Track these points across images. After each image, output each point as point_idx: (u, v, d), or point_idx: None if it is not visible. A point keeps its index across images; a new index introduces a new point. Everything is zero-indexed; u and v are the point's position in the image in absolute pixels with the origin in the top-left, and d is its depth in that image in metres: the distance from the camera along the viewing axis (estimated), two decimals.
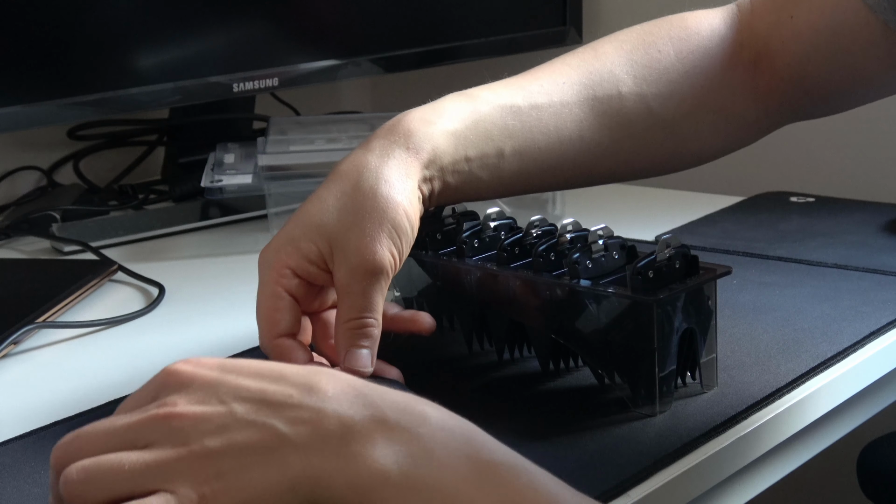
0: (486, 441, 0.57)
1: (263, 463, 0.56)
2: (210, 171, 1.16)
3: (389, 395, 0.58)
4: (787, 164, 1.48)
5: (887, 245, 1.06)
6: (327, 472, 0.55)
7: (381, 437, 0.56)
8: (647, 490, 0.67)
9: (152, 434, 0.57)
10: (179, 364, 0.60)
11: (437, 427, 0.57)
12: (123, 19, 1.18)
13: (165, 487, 0.56)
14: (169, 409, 0.57)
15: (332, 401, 0.57)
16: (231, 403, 0.58)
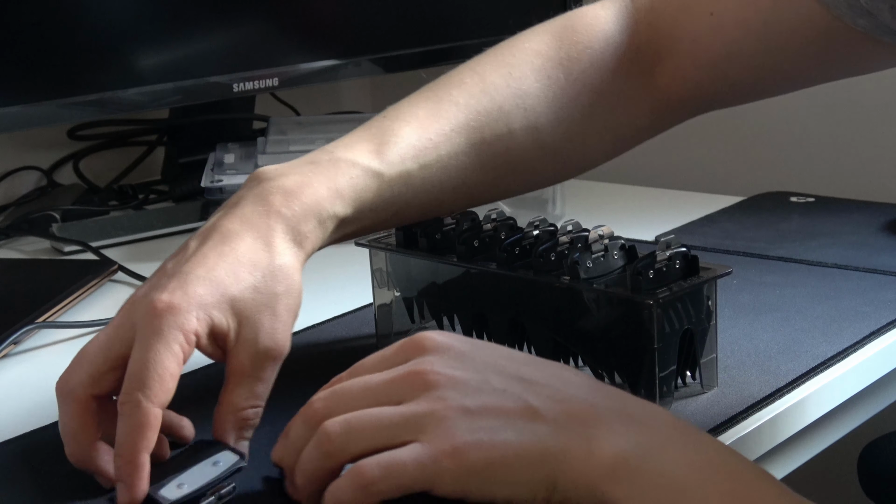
0: (714, 440, 0.60)
1: (517, 429, 0.58)
2: (210, 171, 1.16)
3: (631, 396, 0.61)
4: (787, 164, 1.48)
5: (887, 245, 1.06)
6: (572, 451, 0.58)
7: (621, 425, 0.59)
8: None
9: (408, 391, 0.60)
10: (431, 332, 0.63)
11: (670, 423, 0.60)
12: (123, 19, 1.19)
13: (420, 438, 0.58)
14: (425, 368, 0.60)
15: (578, 387, 0.60)
16: (486, 373, 0.60)
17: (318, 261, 1.09)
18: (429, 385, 0.60)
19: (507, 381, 0.60)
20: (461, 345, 0.62)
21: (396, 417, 0.59)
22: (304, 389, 0.77)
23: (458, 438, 0.58)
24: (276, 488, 0.65)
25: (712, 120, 1.05)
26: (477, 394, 0.59)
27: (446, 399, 0.59)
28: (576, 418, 0.59)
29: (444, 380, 0.60)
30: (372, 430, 0.59)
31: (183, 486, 0.64)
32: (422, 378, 0.60)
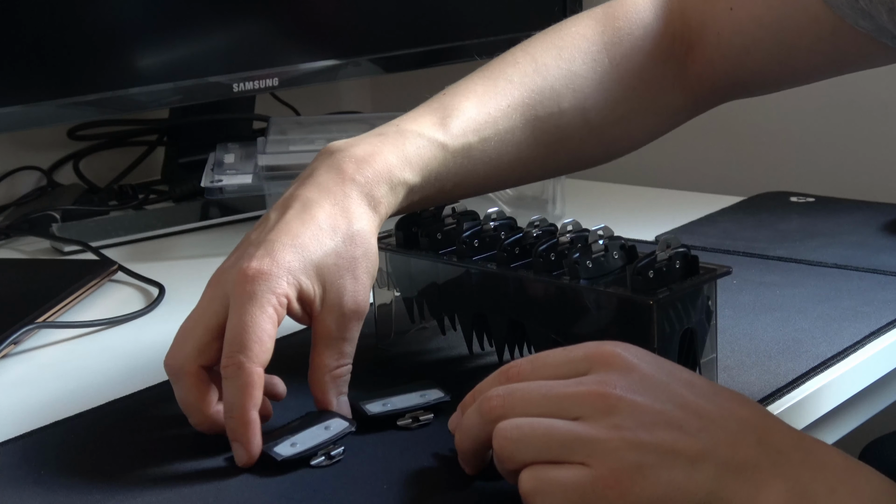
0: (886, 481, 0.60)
1: (685, 468, 0.59)
2: (210, 171, 1.16)
3: (803, 435, 0.61)
4: (787, 164, 1.48)
5: (887, 245, 1.06)
6: (738, 496, 0.59)
7: (790, 470, 0.59)
8: None
9: (588, 409, 0.61)
10: (619, 348, 0.63)
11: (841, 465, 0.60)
12: (123, 19, 1.18)
13: (587, 462, 0.60)
14: (608, 389, 0.61)
15: (753, 429, 0.60)
16: (667, 404, 0.61)
17: None
18: (609, 409, 0.60)
19: (686, 417, 0.61)
20: (647, 366, 0.63)
21: (570, 436, 0.60)
22: (304, 390, 0.78)
23: (625, 471, 0.59)
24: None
25: (712, 120, 1.05)
26: (653, 427, 0.60)
27: (622, 428, 0.60)
28: (745, 463, 0.59)
29: (624, 406, 0.60)
30: (543, 444, 0.61)
31: (296, 445, 0.68)
32: (603, 400, 0.61)
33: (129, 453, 0.71)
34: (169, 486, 0.67)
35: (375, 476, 0.67)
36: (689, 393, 0.62)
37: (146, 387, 0.81)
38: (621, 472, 0.59)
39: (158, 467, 0.69)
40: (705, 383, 0.63)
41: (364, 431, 0.72)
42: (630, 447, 0.60)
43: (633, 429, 0.60)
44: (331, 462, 0.68)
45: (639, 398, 0.61)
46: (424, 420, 0.69)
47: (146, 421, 0.76)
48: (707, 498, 0.59)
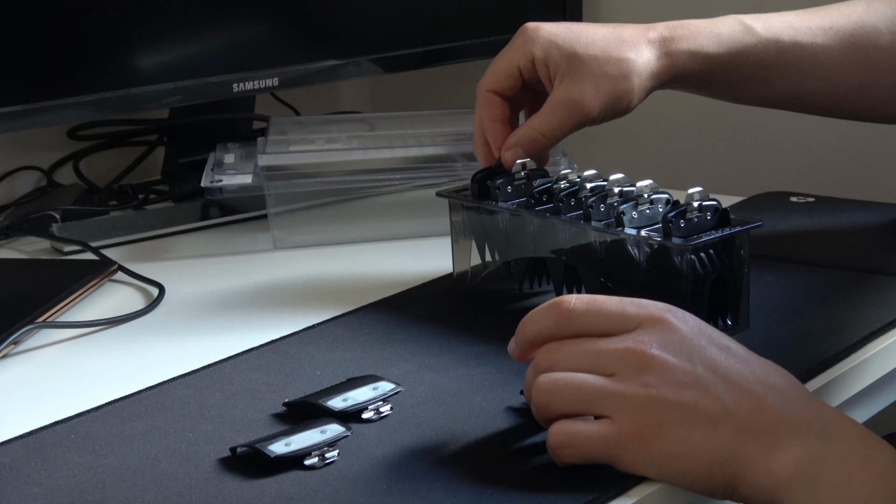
0: (888, 458, 0.63)
1: (705, 428, 0.63)
2: (210, 171, 1.16)
3: (824, 406, 0.65)
4: (787, 164, 1.48)
5: (887, 245, 1.06)
6: (753, 458, 0.63)
7: (806, 436, 0.63)
8: (647, 490, 0.67)
9: (621, 365, 0.65)
10: (668, 312, 0.67)
11: (855, 435, 0.63)
12: (123, 19, 1.18)
13: (613, 416, 0.64)
14: (643, 348, 0.65)
15: (777, 397, 0.64)
16: (698, 366, 0.65)
17: (318, 261, 1.09)
18: (642, 367, 0.64)
19: (714, 378, 0.64)
20: (688, 330, 0.66)
21: (599, 391, 0.65)
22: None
23: (647, 427, 0.63)
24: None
25: (712, 120, 1.05)
26: (679, 387, 0.64)
27: (649, 385, 0.64)
28: (764, 427, 0.63)
29: (655, 364, 0.64)
30: (575, 397, 0.65)
31: (290, 445, 0.69)
32: (637, 357, 0.65)
33: (128, 453, 0.71)
34: (169, 486, 0.67)
35: (375, 477, 0.67)
36: (723, 357, 0.65)
37: (146, 387, 0.81)
38: (643, 426, 0.63)
39: (158, 467, 0.69)
40: (742, 350, 0.67)
41: (364, 432, 0.72)
42: (654, 404, 0.64)
43: (659, 386, 0.64)
44: (324, 463, 0.68)
45: (671, 358, 0.65)
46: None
47: (146, 421, 0.76)
48: (723, 457, 0.63)
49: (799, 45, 0.96)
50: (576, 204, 0.88)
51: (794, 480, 0.62)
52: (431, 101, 1.57)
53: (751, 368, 0.66)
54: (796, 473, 0.62)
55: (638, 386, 0.64)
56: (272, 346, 0.87)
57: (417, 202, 1.13)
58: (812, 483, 0.62)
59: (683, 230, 0.81)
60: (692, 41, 0.94)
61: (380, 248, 1.12)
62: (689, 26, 0.94)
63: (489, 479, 0.67)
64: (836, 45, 0.96)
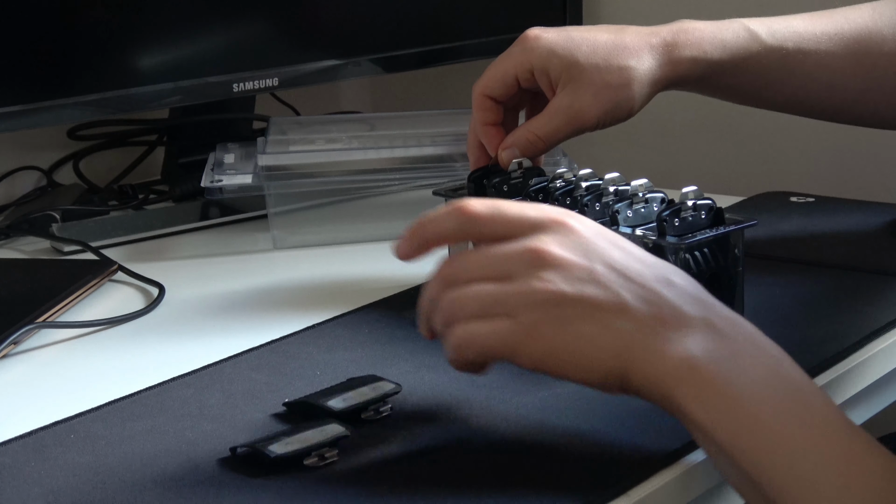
0: (790, 361, 0.65)
1: (602, 321, 0.64)
2: (210, 171, 1.16)
3: (721, 307, 0.66)
4: (787, 164, 1.48)
5: (887, 245, 1.06)
6: (648, 350, 0.63)
7: (700, 333, 0.64)
8: (647, 490, 0.67)
9: (519, 266, 0.65)
10: (568, 216, 0.67)
11: (753, 341, 0.65)
12: (123, 19, 1.18)
13: (513, 315, 0.64)
14: (541, 246, 0.65)
15: (676, 292, 0.65)
16: (597, 264, 0.65)
17: (318, 261, 1.09)
18: (538, 264, 0.65)
19: (612, 275, 0.65)
20: (587, 230, 0.67)
21: (496, 295, 0.65)
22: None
23: (543, 322, 0.64)
24: None
25: (712, 120, 1.05)
26: (577, 282, 0.64)
27: (546, 281, 0.64)
28: (660, 320, 0.64)
29: (553, 261, 0.65)
30: (474, 306, 0.65)
31: (290, 445, 0.69)
32: (533, 255, 0.65)
33: (129, 453, 0.71)
34: (169, 486, 0.67)
35: (375, 477, 0.67)
36: (622, 256, 0.66)
37: (146, 387, 0.81)
38: (540, 322, 0.64)
39: (158, 467, 0.69)
40: (642, 252, 0.67)
41: (362, 432, 0.72)
42: (551, 299, 0.64)
43: (556, 282, 0.64)
44: (324, 463, 0.69)
45: (569, 256, 0.65)
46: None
47: (146, 421, 0.76)
48: (618, 349, 0.64)
49: (803, 51, 0.96)
50: (571, 203, 0.88)
51: (685, 372, 0.63)
52: (431, 101, 1.57)
53: (649, 267, 0.66)
54: (688, 366, 0.63)
55: (535, 282, 0.64)
56: (272, 346, 0.87)
57: (417, 202, 1.13)
58: (701, 377, 0.62)
59: (678, 229, 0.82)
60: (695, 48, 0.94)
61: (380, 248, 1.12)
62: (692, 31, 0.94)
63: (489, 479, 0.67)
64: (841, 50, 0.97)
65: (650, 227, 0.83)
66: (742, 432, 0.62)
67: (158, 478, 0.68)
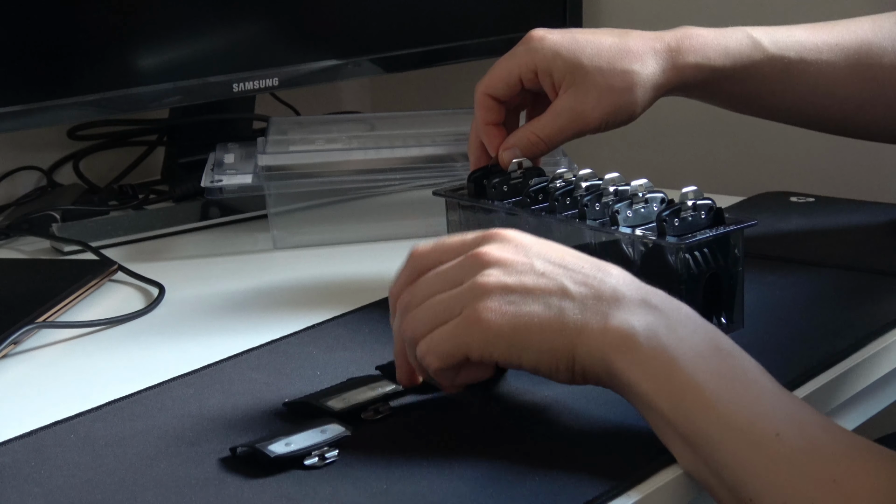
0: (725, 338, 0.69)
1: (545, 304, 0.68)
2: (210, 171, 1.16)
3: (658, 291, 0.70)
4: (787, 164, 1.48)
5: (887, 245, 1.06)
6: (589, 325, 0.68)
7: (639, 308, 0.68)
8: (647, 490, 0.67)
9: (465, 272, 0.70)
10: (505, 230, 0.72)
11: (688, 316, 0.69)
12: (123, 19, 1.18)
13: (463, 310, 0.69)
14: (481, 250, 0.70)
15: (613, 278, 0.70)
16: (534, 259, 0.70)
17: (318, 261, 1.09)
18: (481, 266, 0.70)
19: (550, 266, 0.70)
20: (524, 238, 0.72)
21: (446, 300, 0.70)
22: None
23: (489, 309, 0.68)
24: None
25: (712, 120, 1.05)
26: (518, 273, 0.69)
27: (488, 276, 0.69)
28: (600, 299, 0.68)
29: (493, 260, 0.70)
30: (430, 316, 0.70)
31: (290, 445, 0.69)
32: (476, 259, 0.70)
33: (129, 453, 0.71)
34: (169, 486, 0.67)
35: (375, 477, 0.67)
36: (559, 252, 0.71)
37: (146, 387, 0.81)
38: (485, 309, 0.68)
39: (158, 467, 0.69)
40: (578, 253, 0.72)
41: (364, 432, 0.72)
42: (493, 289, 0.68)
43: (499, 276, 0.69)
44: (324, 463, 0.69)
45: (510, 256, 0.70)
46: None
47: (146, 421, 0.76)
48: (562, 326, 0.68)
49: (804, 61, 0.97)
50: (571, 203, 0.88)
51: (625, 342, 0.67)
52: (431, 101, 1.57)
53: (585, 260, 0.71)
54: (627, 336, 0.67)
55: (478, 279, 0.69)
56: (272, 346, 0.87)
57: (417, 202, 1.13)
58: (640, 346, 0.67)
59: (678, 229, 0.82)
60: (699, 54, 0.94)
61: (380, 248, 1.12)
62: (696, 37, 0.95)
63: (489, 479, 0.67)
64: (841, 62, 0.98)
65: (650, 227, 0.84)
66: (680, 395, 0.66)
67: (158, 478, 0.68)
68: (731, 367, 0.67)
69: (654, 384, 0.66)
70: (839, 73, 0.98)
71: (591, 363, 0.68)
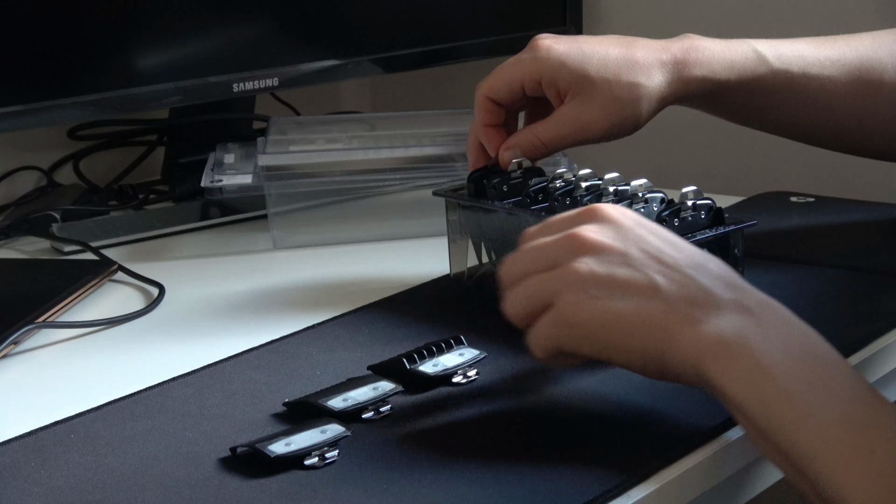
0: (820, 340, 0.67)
1: (634, 301, 0.68)
2: (210, 171, 1.16)
3: (753, 290, 0.69)
4: (787, 164, 1.48)
5: (887, 245, 1.06)
6: (680, 329, 0.67)
7: (730, 313, 0.67)
8: (647, 490, 0.67)
9: (561, 253, 0.70)
10: (608, 206, 0.72)
11: (782, 319, 0.68)
12: (123, 19, 1.18)
13: (555, 302, 0.69)
14: (578, 231, 0.70)
15: (708, 276, 0.68)
16: (630, 247, 0.69)
17: (318, 261, 1.09)
18: (577, 250, 0.69)
19: (645, 258, 0.69)
20: (625, 219, 0.71)
21: (538, 286, 0.70)
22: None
23: (579, 301, 0.68)
24: None
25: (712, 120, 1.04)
26: (610, 263, 0.68)
27: (580, 264, 0.69)
28: (691, 301, 0.67)
29: (589, 246, 0.69)
30: (525, 300, 0.70)
31: (290, 445, 0.69)
32: (572, 242, 0.70)
33: (128, 453, 0.71)
34: (169, 486, 0.67)
35: (375, 477, 0.67)
36: (657, 241, 0.70)
37: (146, 387, 0.81)
38: (576, 302, 0.68)
39: (158, 467, 0.69)
40: (679, 240, 0.71)
41: (364, 432, 0.72)
42: (585, 281, 0.68)
43: (590, 264, 0.68)
44: (324, 463, 0.69)
45: (604, 239, 0.69)
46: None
47: (146, 421, 0.76)
48: (651, 327, 0.67)
49: (807, 75, 0.98)
50: (571, 203, 0.89)
51: (717, 350, 0.66)
52: (431, 101, 1.57)
53: (683, 253, 0.70)
54: (718, 345, 0.66)
55: (572, 267, 0.69)
56: (272, 346, 0.87)
57: (417, 202, 1.13)
58: (732, 354, 0.65)
59: (678, 229, 0.82)
60: (705, 67, 0.95)
61: (380, 248, 1.12)
62: (703, 50, 0.95)
63: (489, 479, 0.67)
64: (843, 77, 0.98)
65: None
66: (772, 405, 0.64)
67: (158, 478, 0.68)
68: (825, 375, 0.66)
69: (746, 393, 0.65)
70: (840, 88, 0.98)
71: (683, 369, 0.67)
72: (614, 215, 0.71)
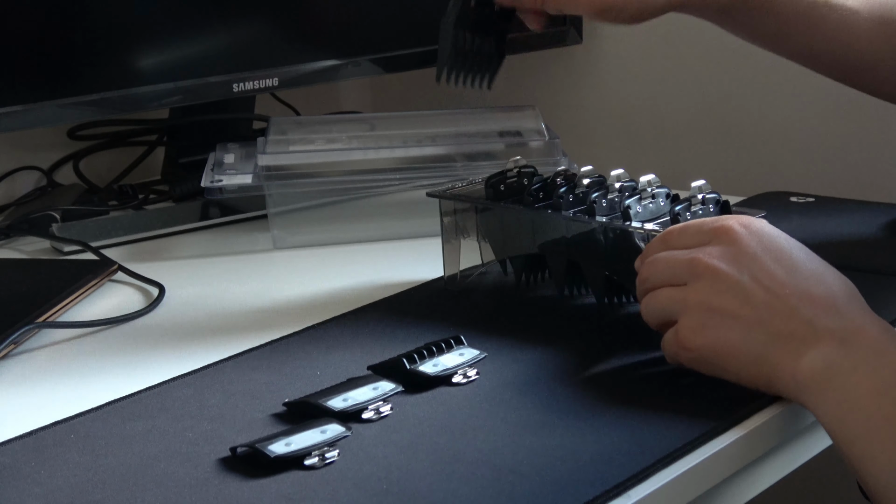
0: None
1: (741, 332, 0.73)
2: (210, 171, 1.16)
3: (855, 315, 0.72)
4: (787, 164, 1.48)
5: (887, 245, 1.06)
6: (782, 362, 0.72)
7: (826, 346, 0.71)
8: (647, 490, 0.67)
9: (686, 274, 0.75)
10: (737, 222, 0.76)
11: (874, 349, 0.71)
12: (123, 19, 1.18)
13: (678, 319, 0.75)
14: (702, 258, 0.75)
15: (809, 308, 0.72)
16: (745, 275, 0.74)
17: (318, 261, 1.09)
18: (698, 275, 0.74)
19: (755, 288, 0.73)
20: (750, 240, 0.75)
21: (667, 300, 0.76)
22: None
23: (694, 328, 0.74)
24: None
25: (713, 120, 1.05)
26: (723, 293, 0.73)
27: (699, 292, 0.74)
28: (792, 334, 0.72)
29: (708, 273, 0.74)
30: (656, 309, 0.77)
31: (290, 445, 0.69)
32: (695, 266, 0.75)
33: (128, 453, 0.71)
34: (169, 486, 0.67)
35: (375, 477, 0.67)
36: (774, 266, 0.74)
37: (146, 387, 0.81)
38: (692, 329, 0.74)
39: (158, 467, 0.69)
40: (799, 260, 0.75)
41: (364, 432, 0.72)
42: (699, 308, 0.74)
43: (707, 293, 0.74)
44: (324, 463, 0.69)
45: (723, 267, 0.74)
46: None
47: (146, 421, 0.76)
48: (757, 359, 0.72)
49: (829, 5, 0.98)
50: (574, 200, 0.89)
51: (812, 385, 0.70)
52: (431, 101, 1.57)
53: (795, 278, 0.73)
54: (813, 379, 0.70)
55: (690, 292, 0.74)
56: (272, 346, 0.87)
57: (417, 202, 1.13)
58: (824, 389, 0.70)
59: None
60: None
61: (380, 248, 1.12)
62: None
63: (489, 479, 0.67)
64: (865, 13, 0.98)
65: (662, 221, 0.85)
66: (855, 439, 0.69)
67: (158, 478, 0.68)
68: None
69: (833, 425, 0.70)
70: (862, 24, 0.98)
71: (787, 394, 0.73)
72: (740, 238, 0.75)
